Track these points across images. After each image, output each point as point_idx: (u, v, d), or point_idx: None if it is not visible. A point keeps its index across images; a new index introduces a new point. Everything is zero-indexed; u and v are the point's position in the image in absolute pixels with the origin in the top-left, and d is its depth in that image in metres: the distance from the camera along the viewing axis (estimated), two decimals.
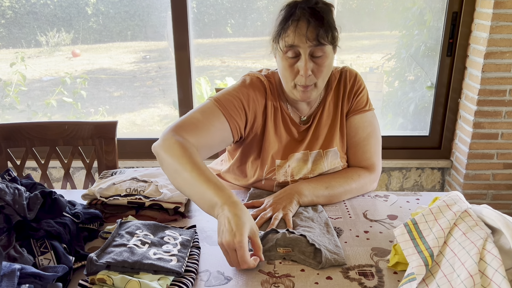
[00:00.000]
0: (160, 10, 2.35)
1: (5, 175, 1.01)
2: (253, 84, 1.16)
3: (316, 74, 1.07)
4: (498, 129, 2.15)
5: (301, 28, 1.01)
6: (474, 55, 2.12)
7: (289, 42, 1.03)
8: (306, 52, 1.03)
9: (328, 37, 1.03)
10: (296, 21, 1.02)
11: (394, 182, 2.46)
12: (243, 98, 1.13)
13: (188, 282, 0.81)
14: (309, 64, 1.04)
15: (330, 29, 1.03)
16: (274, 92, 1.18)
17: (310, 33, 1.01)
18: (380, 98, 2.60)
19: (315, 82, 1.08)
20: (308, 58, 1.04)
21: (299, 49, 1.04)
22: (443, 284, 0.69)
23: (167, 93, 2.59)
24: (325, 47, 1.04)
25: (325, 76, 1.10)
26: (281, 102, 1.19)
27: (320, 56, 1.05)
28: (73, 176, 2.45)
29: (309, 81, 1.06)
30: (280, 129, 1.19)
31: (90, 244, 0.99)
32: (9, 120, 2.57)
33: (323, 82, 1.10)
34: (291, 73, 1.07)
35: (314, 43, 1.02)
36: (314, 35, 1.01)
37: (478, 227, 0.74)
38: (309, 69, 1.04)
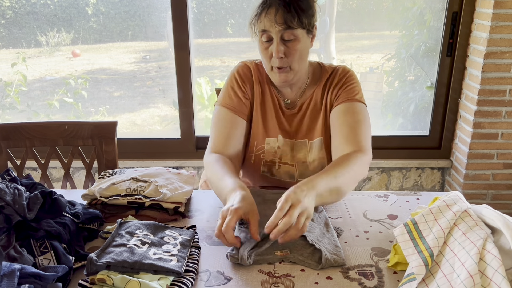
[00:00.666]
0: (160, 10, 2.35)
1: (5, 175, 1.02)
2: (239, 73, 1.27)
3: (289, 56, 1.13)
4: (498, 129, 2.15)
5: (271, 13, 1.09)
6: (474, 55, 2.12)
7: (261, 27, 1.12)
8: (277, 36, 1.11)
9: (295, 20, 1.09)
10: (267, 7, 1.10)
11: (394, 182, 2.46)
12: (237, 89, 1.25)
13: (188, 282, 0.81)
14: (280, 47, 1.11)
15: (299, 13, 1.10)
16: (262, 76, 1.27)
17: (279, 17, 1.09)
18: (380, 98, 2.60)
19: (290, 65, 1.15)
20: (280, 41, 1.11)
21: (270, 33, 1.12)
22: (443, 284, 0.69)
23: (167, 93, 2.59)
24: (295, 31, 1.11)
25: (299, 59, 1.15)
26: (269, 85, 1.27)
27: (291, 39, 1.12)
28: (73, 176, 2.46)
29: (283, 63, 1.14)
30: (267, 109, 1.26)
31: (90, 244, 0.99)
32: (9, 120, 2.58)
33: (298, 65, 1.16)
34: (266, 55, 1.16)
35: (283, 27, 1.09)
36: (282, 20, 1.09)
37: (478, 227, 0.74)
38: (280, 52, 1.11)
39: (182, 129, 2.36)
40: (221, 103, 1.25)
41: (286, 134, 1.27)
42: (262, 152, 1.27)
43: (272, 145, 1.27)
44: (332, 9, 2.47)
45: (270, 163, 1.28)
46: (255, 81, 1.26)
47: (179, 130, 2.37)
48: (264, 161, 1.28)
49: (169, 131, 2.66)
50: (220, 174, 1.09)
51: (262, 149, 1.27)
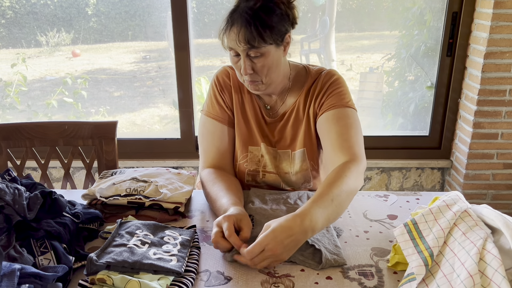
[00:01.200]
0: (160, 10, 2.35)
1: (5, 175, 1.02)
2: (219, 81, 1.25)
3: (259, 72, 1.11)
4: (498, 129, 2.15)
5: (233, 33, 1.06)
6: (474, 55, 2.12)
7: (228, 44, 1.09)
8: (243, 54, 1.08)
9: (257, 40, 1.04)
10: (230, 25, 1.06)
11: (394, 182, 2.46)
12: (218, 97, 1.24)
13: (188, 282, 0.81)
14: (247, 63, 1.09)
15: (261, 32, 1.04)
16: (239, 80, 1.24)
17: (241, 37, 1.05)
18: (380, 98, 2.60)
19: (261, 79, 1.12)
20: (246, 58, 1.09)
21: (237, 50, 1.09)
22: (443, 284, 0.69)
23: (167, 93, 2.60)
24: (261, 49, 1.07)
25: (269, 72, 1.11)
26: (249, 92, 1.24)
27: (258, 56, 1.08)
28: (73, 176, 2.46)
29: (253, 77, 1.12)
30: (249, 117, 1.24)
31: (90, 244, 0.99)
32: (9, 120, 2.58)
33: (269, 78, 1.13)
34: (237, 68, 1.14)
35: (246, 46, 1.06)
36: (245, 39, 1.04)
37: (478, 227, 0.74)
38: (248, 69, 1.09)
39: (182, 129, 2.36)
40: (205, 112, 1.25)
41: (269, 142, 1.24)
42: (245, 161, 1.24)
43: (255, 154, 1.24)
44: (332, 9, 2.47)
45: (253, 172, 1.25)
46: (234, 89, 1.24)
47: (179, 130, 2.37)
48: (247, 170, 1.25)
49: (169, 131, 2.66)
50: (215, 195, 1.10)
51: (245, 158, 1.24)
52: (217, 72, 1.28)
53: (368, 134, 2.50)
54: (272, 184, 1.27)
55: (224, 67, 1.28)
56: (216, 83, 1.25)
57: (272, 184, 1.27)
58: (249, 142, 1.24)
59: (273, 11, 1.06)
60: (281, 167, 1.25)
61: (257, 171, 1.25)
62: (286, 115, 1.23)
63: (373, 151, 2.37)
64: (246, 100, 1.24)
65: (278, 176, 1.25)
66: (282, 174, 1.25)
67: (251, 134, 1.24)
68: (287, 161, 1.24)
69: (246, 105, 1.24)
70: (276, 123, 1.24)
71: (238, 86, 1.24)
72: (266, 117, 1.24)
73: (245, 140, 1.24)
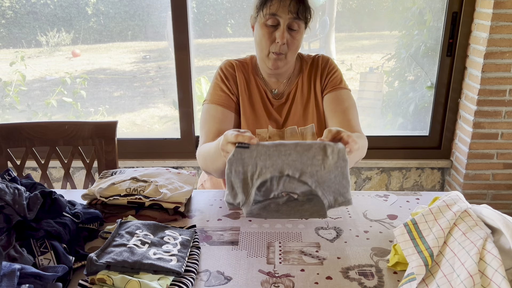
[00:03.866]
0: (160, 10, 2.35)
1: (5, 175, 1.02)
2: (223, 71, 1.31)
3: (290, 45, 1.20)
4: (498, 129, 2.15)
5: (286, 1, 1.15)
6: (474, 55, 2.12)
7: (272, 11, 1.16)
8: (285, 23, 1.17)
9: (305, 13, 1.17)
10: None
11: (394, 182, 2.46)
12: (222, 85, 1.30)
13: (188, 282, 0.81)
14: (286, 33, 1.17)
15: (308, 7, 1.18)
16: (247, 70, 1.32)
17: (293, 6, 1.15)
18: (380, 98, 2.60)
19: (286, 53, 1.21)
20: (286, 28, 1.17)
21: (279, 18, 1.17)
22: (443, 284, 0.69)
23: (167, 93, 2.60)
24: (301, 22, 1.18)
25: (295, 49, 1.22)
26: (255, 78, 1.32)
27: (296, 29, 1.19)
28: (73, 176, 2.46)
29: (282, 49, 1.19)
30: (255, 102, 1.31)
31: (90, 244, 0.99)
32: (9, 120, 2.57)
33: (292, 56, 1.23)
34: (267, 40, 1.19)
35: (294, 16, 1.16)
36: (295, 9, 1.15)
37: (478, 227, 0.74)
38: (285, 38, 1.17)
39: (182, 129, 2.36)
40: (209, 101, 1.29)
41: (276, 124, 1.32)
42: None
43: (263, 136, 1.30)
44: (332, 9, 2.47)
45: None
46: (239, 77, 1.30)
47: (179, 130, 2.37)
48: None
49: (169, 131, 2.66)
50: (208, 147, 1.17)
51: None
52: (221, 64, 1.34)
53: (368, 134, 2.49)
54: None
55: (228, 60, 1.34)
56: (220, 73, 1.31)
57: None
58: (257, 126, 1.30)
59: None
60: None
61: None
62: (291, 95, 1.32)
63: (373, 151, 2.37)
64: (252, 86, 1.31)
65: None
66: None
67: (258, 118, 1.30)
68: (295, 137, 1.30)
69: (252, 91, 1.31)
70: (283, 104, 1.32)
71: (243, 74, 1.31)
72: (272, 99, 1.31)
73: (253, 124, 1.30)
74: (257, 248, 0.96)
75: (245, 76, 1.31)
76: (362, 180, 2.46)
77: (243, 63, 1.33)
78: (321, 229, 1.05)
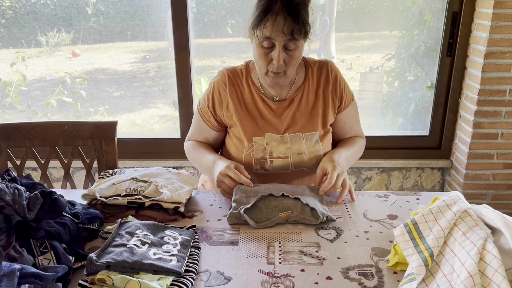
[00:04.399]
0: (160, 10, 2.35)
1: (5, 175, 1.02)
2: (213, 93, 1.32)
3: (287, 64, 1.18)
4: (498, 129, 2.15)
5: (279, 23, 1.11)
6: (474, 55, 2.12)
7: (266, 34, 1.13)
8: (280, 45, 1.14)
9: (302, 33, 1.13)
10: (274, 16, 1.11)
11: (394, 182, 2.46)
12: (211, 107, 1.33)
13: (188, 282, 0.81)
14: (282, 54, 1.15)
15: (304, 25, 1.13)
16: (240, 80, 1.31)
17: (286, 28, 1.11)
18: (380, 98, 2.60)
19: (285, 70, 1.19)
20: (282, 49, 1.15)
21: (274, 41, 1.14)
22: (443, 284, 0.69)
23: (167, 93, 2.60)
24: (298, 42, 1.15)
25: (295, 64, 1.21)
26: (252, 85, 1.31)
27: (292, 49, 1.16)
28: (73, 176, 2.45)
29: (280, 69, 1.18)
30: (251, 111, 1.30)
31: (90, 244, 0.99)
32: (9, 120, 2.57)
33: (292, 71, 1.22)
34: (264, 60, 1.18)
35: (288, 38, 1.12)
36: (289, 31, 1.11)
37: (478, 227, 0.74)
38: (281, 59, 1.15)
39: (182, 129, 2.36)
40: (200, 107, 1.37)
41: (275, 130, 1.30)
42: (251, 151, 1.30)
43: (260, 143, 1.30)
44: (332, 9, 2.47)
45: (261, 160, 1.31)
46: (230, 92, 1.30)
47: (179, 130, 2.37)
48: (255, 159, 1.30)
49: (169, 131, 2.65)
50: (200, 154, 1.33)
51: (251, 148, 1.31)
52: (215, 79, 1.33)
53: (368, 134, 2.49)
54: (281, 169, 1.32)
55: (223, 72, 1.33)
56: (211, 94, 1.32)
57: (280, 169, 1.32)
58: (253, 134, 1.30)
59: (306, 6, 1.16)
60: (293, 148, 1.30)
61: (264, 158, 1.30)
62: (295, 101, 1.30)
63: (373, 151, 2.37)
64: (246, 96, 1.31)
65: (288, 159, 1.31)
66: (294, 156, 1.31)
67: (256, 127, 1.30)
68: (299, 143, 1.30)
69: (247, 101, 1.31)
70: (285, 109, 1.30)
71: (234, 89, 1.30)
72: (273, 105, 1.30)
73: (250, 133, 1.29)
74: (257, 248, 0.96)
75: (239, 88, 1.31)
76: (362, 180, 2.46)
77: (235, 75, 1.32)
78: (321, 229, 1.05)
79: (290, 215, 1.07)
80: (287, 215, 1.07)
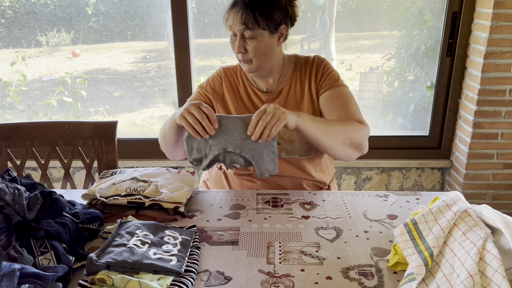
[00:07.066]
0: (160, 10, 2.35)
1: (5, 175, 1.02)
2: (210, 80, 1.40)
3: (250, 52, 1.24)
4: (498, 129, 2.15)
5: (236, 13, 1.20)
6: (474, 55, 2.12)
7: (229, 23, 1.23)
8: (239, 34, 1.22)
9: (252, 22, 1.18)
10: (233, 5, 1.21)
11: (394, 182, 2.46)
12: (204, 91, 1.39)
13: (188, 282, 0.81)
14: (241, 43, 1.22)
15: (257, 16, 1.18)
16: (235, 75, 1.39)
17: (239, 17, 1.19)
18: (380, 98, 2.60)
19: (252, 59, 1.25)
20: (241, 38, 1.22)
21: (235, 30, 1.22)
22: (443, 284, 0.69)
23: (167, 93, 2.60)
24: (255, 31, 1.20)
25: (261, 55, 1.24)
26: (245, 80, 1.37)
27: (252, 38, 1.22)
28: (73, 176, 2.45)
29: (244, 57, 1.25)
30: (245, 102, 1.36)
31: (90, 244, 0.99)
32: (9, 120, 2.57)
33: (260, 61, 1.26)
34: (234, 49, 1.27)
35: (244, 27, 1.19)
36: (241, 20, 1.18)
37: (478, 227, 0.74)
38: (240, 47, 1.23)
39: None
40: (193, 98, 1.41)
41: None
42: None
43: None
44: (332, 9, 2.47)
45: None
46: (226, 84, 1.38)
47: None
48: None
49: None
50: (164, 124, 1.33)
51: None
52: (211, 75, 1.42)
53: None
54: None
55: (219, 69, 1.41)
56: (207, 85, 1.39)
57: None
58: None
59: (273, 2, 1.20)
60: (285, 137, 1.32)
61: None
62: (283, 92, 1.35)
63: (373, 151, 2.36)
64: (240, 88, 1.37)
65: (280, 146, 1.33)
66: (286, 143, 1.33)
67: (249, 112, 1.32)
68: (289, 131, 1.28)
69: (241, 92, 1.37)
70: (273, 100, 1.35)
71: (229, 81, 1.38)
72: (262, 96, 1.35)
73: None
74: (257, 248, 0.97)
75: (234, 82, 1.38)
76: (362, 180, 2.46)
77: (231, 70, 1.40)
78: (321, 229, 1.05)
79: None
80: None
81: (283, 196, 1.25)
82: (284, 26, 1.25)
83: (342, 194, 1.26)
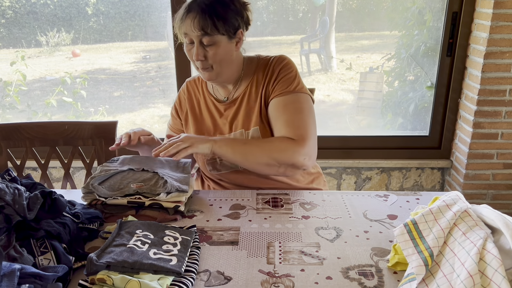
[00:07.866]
0: (160, 10, 2.35)
1: (5, 175, 1.02)
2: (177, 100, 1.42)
3: (209, 59, 1.20)
4: (498, 129, 2.15)
5: (190, 18, 1.15)
6: (474, 55, 2.12)
7: (183, 30, 1.18)
8: (197, 40, 1.18)
9: (210, 28, 1.15)
10: (187, 12, 1.16)
11: (394, 182, 2.46)
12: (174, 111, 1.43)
13: (188, 282, 0.81)
14: (200, 50, 1.18)
15: (215, 21, 1.15)
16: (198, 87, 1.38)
17: (196, 23, 1.15)
18: (380, 98, 2.60)
19: (212, 65, 1.21)
20: (199, 45, 1.18)
21: (191, 37, 1.18)
22: (443, 284, 0.69)
23: (167, 93, 2.60)
24: (213, 37, 1.17)
25: (221, 61, 1.21)
26: (206, 91, 1.36)
27: (210, 44, 1.18)
28: (73, 176, 2.45)
29: (204, 64, 1.21)
30: (204, 117, 1.35)
31: (90, 244, 0.99)
32: (9, 120, 2.57)
33: (220, 67, 1.22)
34: (190, 56, 1.22)
35: (200, 33, 1.15)
36: (199, 26, 1.14)
37: (478, 227, 0.74)
38: (199, 55, 1.18)
39: None
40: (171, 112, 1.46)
41: (221, 130, 1.33)
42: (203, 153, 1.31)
43: None
44: (332, 9, 2.47)
45: (211, 161, 1.34)
46: (188, 98, 1.38)
47: None
48: (206, 160, 1.35)
49: None
50: None
51: None
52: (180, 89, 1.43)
53: (368, 134, 2.50)
54: (230, 168, 1.33)
55: (186, 82, 1.42)
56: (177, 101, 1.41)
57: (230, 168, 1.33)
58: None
59: (228, 6, 1.17)
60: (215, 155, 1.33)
61: (213, 158, 1.33)
62: (239, 99, 1.30)
63: (373, 151, 2.37)
64: (201, 102, 1.36)
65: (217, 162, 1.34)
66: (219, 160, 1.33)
67: (205, 131, 1.35)
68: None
69: (202, 106, 1.36)
70: (231, 109, 1.31)
71: (193, 94, 1.38)
72: (220, 107, 1.32)
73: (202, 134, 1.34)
74: (257, 248, 0.97)
75: (196, 95, 1.37)
76: (362, 180, 2.46)
77: (193, 83, 1.40)
78: (321, 229, 1.05)
79: (142, 187, 1.09)
80: (138, 186, 1.09)
81: (283, 196, 1.25)
82: (241, 31, 1.22)
83: (342, 194, 1.26)
